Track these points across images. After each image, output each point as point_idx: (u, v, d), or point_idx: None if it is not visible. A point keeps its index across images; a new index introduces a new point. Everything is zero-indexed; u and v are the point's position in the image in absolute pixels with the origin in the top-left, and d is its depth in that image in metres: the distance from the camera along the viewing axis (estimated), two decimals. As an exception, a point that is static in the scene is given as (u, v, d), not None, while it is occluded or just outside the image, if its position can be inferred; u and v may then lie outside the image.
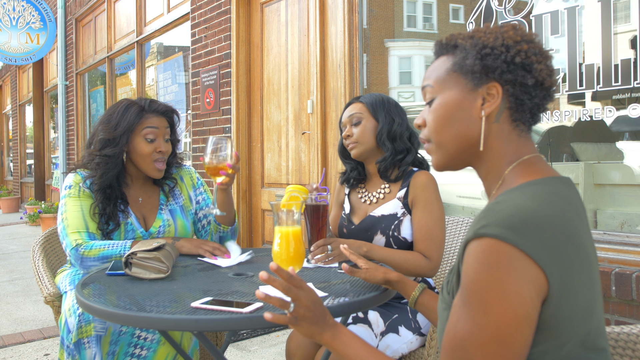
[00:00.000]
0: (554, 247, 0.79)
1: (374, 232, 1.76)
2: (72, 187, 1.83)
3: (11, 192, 12.04)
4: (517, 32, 0.92)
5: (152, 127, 1.84)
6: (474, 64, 0.92)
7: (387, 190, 1.80)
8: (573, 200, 0.88)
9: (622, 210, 2.28)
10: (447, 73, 0.96)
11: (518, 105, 0.92)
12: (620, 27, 2.19)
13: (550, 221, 0.80)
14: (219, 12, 4.44)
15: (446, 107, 0.95)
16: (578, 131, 2.39)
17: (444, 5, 3.07)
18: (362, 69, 3.32)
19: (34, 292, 4.28)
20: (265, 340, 3.02)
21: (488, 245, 0.78)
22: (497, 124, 0.93)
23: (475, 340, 0.78)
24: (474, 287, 0.79)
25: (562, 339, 0.81)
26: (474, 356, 0.78)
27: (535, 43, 0.92)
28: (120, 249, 1.72)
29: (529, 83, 0.90)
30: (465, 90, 0.93)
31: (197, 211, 2.03)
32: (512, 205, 0.81)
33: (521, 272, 0.77)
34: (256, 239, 4.31)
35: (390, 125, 1.77)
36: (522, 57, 0.90)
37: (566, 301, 0.80)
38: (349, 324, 1.62)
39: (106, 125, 1.83)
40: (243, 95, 4.30)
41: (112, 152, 1.81)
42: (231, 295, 1.29)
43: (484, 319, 0.77)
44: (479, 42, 0.92)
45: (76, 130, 7.77)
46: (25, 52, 8.03)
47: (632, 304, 1.99)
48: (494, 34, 0.93)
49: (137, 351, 1.65)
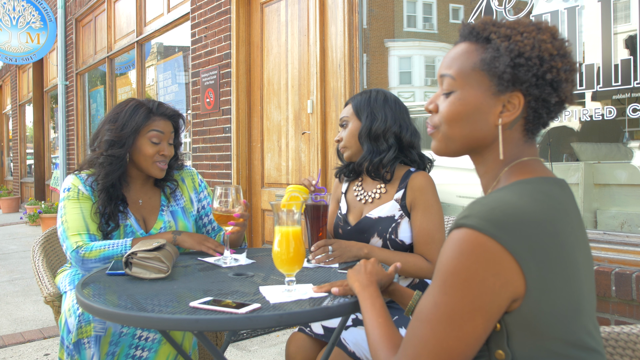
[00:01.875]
0: (533, 243, 0.80)
1: (370, 234, 1.74)
2: (71, 189, 1.82)
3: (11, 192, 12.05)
4: (555, 44, 0.88)
5: (158, 130, 1.84)
6: (504, 71, 0.88)
7: (383, 190, 1.78)
8: (563, 200, 0.88)
9: (622, 210, 2.28)
10: (473, 69, 0.92)
11: (535, 118, 0.91)
12: (620, 27, 2.19)
13: (532, 218, 0.81)
14: (219, 12, 4.44)
15: (465, 105, 0.93)
16: (578, 131, 2.39)
17: (444, 5, 3.07)
18: (362, 69, 3.32)
19: (34, 292, 4.28)
20: (265, 340, 3.02)
21: (465, 235, 0.80)
22: (509, 131, 0.92)
23: (429, 315, 0.83)
24: (442, 268, 0.82)
25: (546, 336, 0.82)
26: (424, 328, 0.83)
27: (569, 58, 0.89)
28: (120, 249, 1.71)
29: (552, 101, 0.89)
30: (487, 93, 0.91)
31: (202, 216, 2.02)
32: (496, 199, 0.83)
33: (491, 265, 0.79)
34: (256, 239, 4.31)
35: (370, 124, 1.73)
36: (553, 74, 0.87)
37: (547, 298, 0.81)
38: (348, 326, 1.62)
39: (112, 125, 1.82)
40: (243, 95, 4.30)
41: (118, 152, 1.80)
42: (231, 295, 1.29)
43: (442, 298, 0.81)
44: (514, 48, 0.88)
45: (76, 130, 7.77)
46: (25, 52, 8.03)
47: (632, 304, 1.99)
48: (532, 41, 0.88)
49: (137, 352, 1.64)
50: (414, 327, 0.85)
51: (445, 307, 0.81)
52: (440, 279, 0.82)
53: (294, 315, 1.15)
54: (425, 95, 3.25)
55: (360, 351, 1.56)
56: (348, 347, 1.56)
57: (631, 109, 2.14)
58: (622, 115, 2.18)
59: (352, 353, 1.56)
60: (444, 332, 0.81)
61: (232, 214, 1.66)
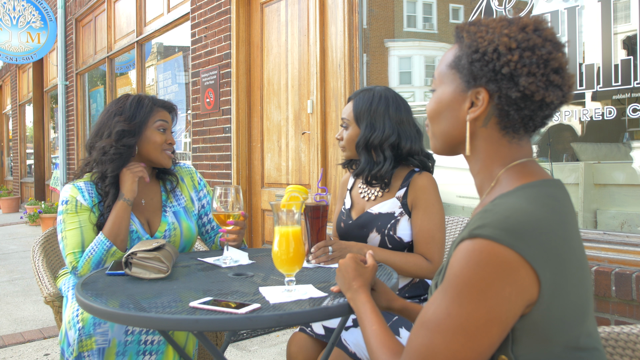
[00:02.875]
0: (549, 249, 0.79)
1: (369, 229, 1.75)
2: (69, 202, 1.79)
3: (11, 192, 12.05)
4: (518, 37, 0.86)
5: (163, 120, 1.90)
6: (464, 67, 0.91)
7: (386, 189, 1.79)
8: (565, 203, 0.88)
9: (622, 210, 2.28)
10: (448, 67, 0.95)
11: (503, 115, 0.89)
12: (620, 27, 2.19)
13: (546, 223, 0.81)
14: (219, 12, 4.44)
15: (439, 102, 0.96)
16: (578, 131, 2.39)
17: (444, 5, 3.07)
18: (362, 69, 3.32)
19: (34, 292, 4.28)
20: (265, 340, 3.02)
21: (481, 246, 0.79)
22: (484, 129, 0.92)
23: (441, 325, 0.80)
24: (456, 280, 0.80)
25: (551, 340, 0.81)
26: (435, 339, 0.81)
27: (535, 50, 0.85)
28: (100, 246, 1.71)
29: (513, 96, 0.86)
30: (457, 90, 0.93)
31: (202, 216, 2.02)
32: (508, 207, 0.82)
33: (508, 275, 0.77)
34: (256, 239, 4.31)
35: (369, 134, 1.73)
36: (510, 68, 0.85)
37: (557, 302, 0.80)
38: (349, 327, 1.62)
39: (121, 117, 1.84)
40: (243, 95, 4.30)
41: (130, 142, 1.83)
42: (231, 295, 1.29)
43: (456, 309, 0.79)
44: (473, 44, 0.89)
45: (76, 130, 7.77)
46: (26, 51, 8.04)
47: (632, 304, 1.99)
48: (492, 36, 0.88)
49: (146, 358, 1.63)
50: (420, 335, 0.83)
51: (459, 318, 0.79)
52: (455, 289, 0.80)
53: (294, 315, 1.15)
54: (425, 95, 3.25)
55: (362, 352, 1.56)
56: (349, 348, 1.56)
57: (631, 109, 2.14)
58: (622, 115, 2.18)
59: (353, 354, 1.55)
60: (459, 343, 0.79)
61: (232, 215, 1.66)
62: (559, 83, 0.87)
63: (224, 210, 1.66)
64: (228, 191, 1.67)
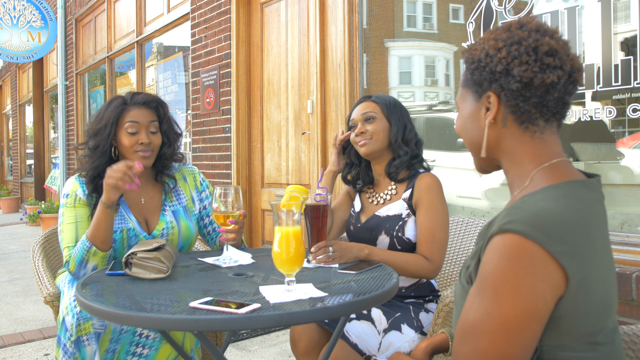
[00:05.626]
0: (574, 246, 0.82)
1: (378, 232, 1.77)
2: (69, 195, 1.84)
3: (11, 192, 12.05)
4: (499, 39, 0.93)
5: (132, 121, 1.85)
6: (468, 80, 0.99)
7: (394, 191, 1.82)
8: (592, 203, 0.90)
9: (622, 210, 2.28)
10: (461, 88, 1.04)
11: (515, 110, 0.94)
12: (620, 27, 2.19)
13: (570, 221, 0.83)
14: (219, 12, 4.44)
15: (462, 118, 1.04)
16: (578, 131, 2.39)
17: (444, 5, 3.07)
18: (362, 69, 3.32)
19: (34, 292, 4.28)
20: (265, 340, 3.02)
21: (511, 241, 0.81)
22: (505, 129, 0.97)
23: (484, 326, 0.83)
24: (490, 278, 0.83)
25: (574, 335, 0.84)
26: (480, 341, 0.83)
27: (521, 43, 0.91)
28: (82, 246, 1.71)
29: (514, 87, 0.92)
30: (472, 102, 1.00)
31: (204, 216, 2.02)
32: (537, 205, 0.85)
33: (539, 270, 0.80)
34: (256, 239, 4.31)
35: (403, 130, 1.81)
36: (503, 65, 0.92)
37: (582, 298, 0.83)
38: (352, 319, 1.64)
39: (95, 119, 1.90)
40: (243, 95, 4.30)
41: (95, 143, 1.85)
42: (231, 295, 1.29)
43: (495, 308, 0.82)
44: (469, 58, 0.99)
45: (76, 130, 7.77)
46: (26, 51, 8.04)
47: (632, 304, 1.99)
48: (482, 45, 0.96)
49: (139, 350, 1.64)
50: (466, 342, 0.85)
51: (499, 316, 0.81)
52: (491, 287, 0.82)
53: (294, 315, 1.15)
54: (425, 95, 3.25)
55: (363, 344, 1.58)
56: (350, 339, 1.58)
57: (631, 109, 2.14)
58: (622, 115, 2.18)
59: (355, 345, 1.58)
60: (504, 342, 0.81)
61: (232, 214, 1.66)
62: (557, 64, 0.90)
63: (224, 210, 1.66)
64: (228, 191, 1.67)
